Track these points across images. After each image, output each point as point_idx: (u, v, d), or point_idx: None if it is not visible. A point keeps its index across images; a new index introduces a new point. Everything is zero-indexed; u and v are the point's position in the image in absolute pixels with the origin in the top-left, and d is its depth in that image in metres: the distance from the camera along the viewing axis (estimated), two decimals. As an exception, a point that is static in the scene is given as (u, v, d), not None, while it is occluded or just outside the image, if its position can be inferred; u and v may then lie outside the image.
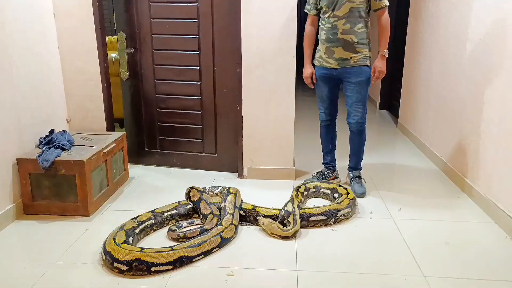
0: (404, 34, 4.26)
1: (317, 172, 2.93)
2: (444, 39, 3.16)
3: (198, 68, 2.93)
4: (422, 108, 3.67)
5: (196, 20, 2.84)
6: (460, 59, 2.85)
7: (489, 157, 2.44)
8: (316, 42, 2.65)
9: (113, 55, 3.63)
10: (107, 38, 3.04)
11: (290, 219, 2.22)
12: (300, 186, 2.63)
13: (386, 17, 2.51)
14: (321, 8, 2.52)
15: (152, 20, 2.91)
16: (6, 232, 2.20)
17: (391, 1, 4.30)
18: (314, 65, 2.68)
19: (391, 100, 5.19)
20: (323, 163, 2.94)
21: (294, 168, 2.97)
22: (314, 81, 2.69)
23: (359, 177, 2.77)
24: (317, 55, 2.64)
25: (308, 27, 2.66)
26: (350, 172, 2.82)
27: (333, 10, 2.46)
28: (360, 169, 2.81)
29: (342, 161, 2.97)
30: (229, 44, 2.81)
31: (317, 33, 2.64)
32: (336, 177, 2.92)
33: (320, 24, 2.59)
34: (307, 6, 2.62)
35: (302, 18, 2.70)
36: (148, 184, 2.89)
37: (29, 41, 2.45)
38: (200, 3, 2.79)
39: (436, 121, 3.31)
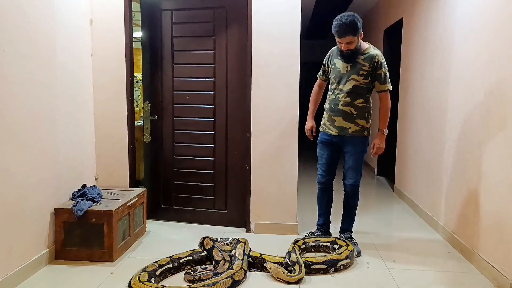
0: (396, 106, 4.75)
1: (310, 232, 3.10)
2: (429, 109, 3.61)
3: (213, 133, 3.35)
4: (413, 172, 4.02)
5: (212, 92, 3.31)
6: (443, 126, 3.26)
7: (472, 212, 2.73)
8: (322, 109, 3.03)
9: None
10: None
11: (296, 267, 2.45)
12: (298, 240, 2.82)
13: (387, 99, 2.78)
14: (330, 78, 2.92)
15: (174, 92, 3.39)
16: (39, 275, 2.45)
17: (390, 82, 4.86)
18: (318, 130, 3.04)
19: (387, 167, 5.54)
20: (316, 224, 3.12)
21: (297, 223, 3.24)
22: (314, 134, 3.04)
23: (351, 237, 2.96)
24: (322, 121, 2.99)
25: (316, 87, 3.08)
26: (342, 235, 2.98)
27: (338, 84, 2.83)
28: (351, 231, 3.00)
29: (335, 222, 3.16)
30: (240, 112, 3.25)
31: (324, 94, 3.03)
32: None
33: (327, 94, 2.96)
34: (320, 72, 3.02)
35: (304, 89, 3.15)
36: (164, 237, 3.16)
37: (72, 110, 2.90)
38: (216, 78, 3.29)
39: (426, 181, 3.64)
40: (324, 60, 2.98)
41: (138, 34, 3.75)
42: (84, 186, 2.94)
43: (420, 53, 3.89)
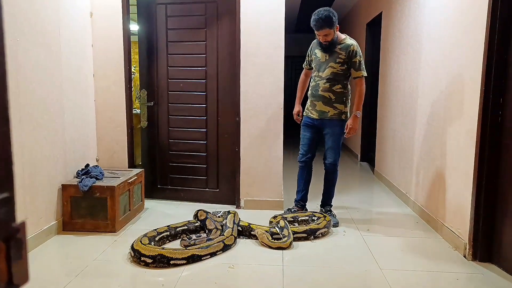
0: (376, 94, 5.08)
1: (287, 209, 3.41)
2: (403, 97, 3.94)
3: (205, 118, 3.64)
4: (390, 154, 4.36)
5: (204, 80, 3.60)
6: (414, 111, 3.60)
7: (436, 186, 3.07)
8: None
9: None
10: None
11: (285, 239, 2.74)
12: (276, 216, 3.11)
13: (362, 84, 3.07)
14: (312, 67, 3.24)
15: (169, 80, 3.67)
16: (50, 242, 2.74)
17: (371, 73, 5.19)
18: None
19: (369, 153, 5.90)
20: (294, 200, 3.40)
21: (283, 200, 3.56)
22: (300, 117, 3.33)
23: (330, 210, 3.29)
24: (306, 106, 3.30)
25: (302, 76, 3.38)
26: (322, 208, 3.32)
27: (318, 71, 3.14)
28: (331, 205, 3.32)
29: (315, 200, 3.49)
30: (230, 99, 3.54)
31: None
32: None
33: (310, 81, 3.28)
34: (304, 62, 3.33)
35: (289, 78, 3.44)
36: (161, 212, 3.45)
37: (76, 96, 3.16)
38: (208, 67, 3.57)
39: (400, 163, 3.99)
40: (308, 51, 3.30)
41: (134, 27, 4.00)
42: (87, 165, 3.22)
43: (397, 45, 4.21)
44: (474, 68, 2.51)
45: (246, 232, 2.86)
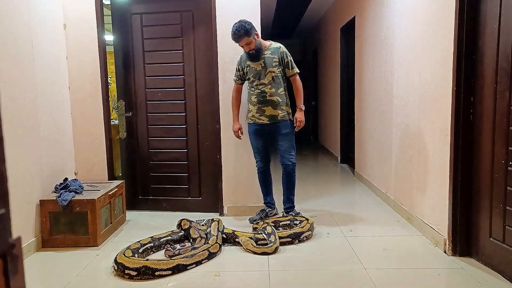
0: (353, 96, 5.17)
1: (260, 210, 3.44)
2: (379, 98, 4.02)
3: (185, 126, 3.62)
4: (369, 155, 4.44)
5: (182, 89, 3.59)
6: (390, 112, 3.68)
7: (414, 183, 3.15)
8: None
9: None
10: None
11: (271, 245, 2.75)
12: (258, 222, 3.14)
13: (298, 80, 3.23)
14: (249, 78, 3.23)
15: (146, 89, 3.64)
16: (29, 260, 2.66)
17: (347, 76, 5.27)
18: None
19: (349, 154, 5.98)
20: (264, 203, 3.45)
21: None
22: (241, 134, 3.33)
23: (298, 213, 3.33)
24: (249, 115, 3.29)
25: (234, 93, 3.33)
26: (291, 212, 3.30)
27: (259, 79, 3.18)
28: (294, 206, 3.37)
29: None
30: (210, 106, 3.54)
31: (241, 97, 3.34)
32: (276, 214, 3.46)
33: (250, 90, 3.26)
34: (234, 78, 3.32)
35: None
36: (143, 224, 3.41)
37: (51, 110, 3.10)
38: (186, 76, 3.57)
39: (379, 163, 4.06)
40: (237, 66, 3.29)
41: (109, 37, 3.96)
42: (66, 179, 3.15)
43: (371, 48, 4.30)
44: (444, 68, 2.60)
45: (230, 239, 2.86)
